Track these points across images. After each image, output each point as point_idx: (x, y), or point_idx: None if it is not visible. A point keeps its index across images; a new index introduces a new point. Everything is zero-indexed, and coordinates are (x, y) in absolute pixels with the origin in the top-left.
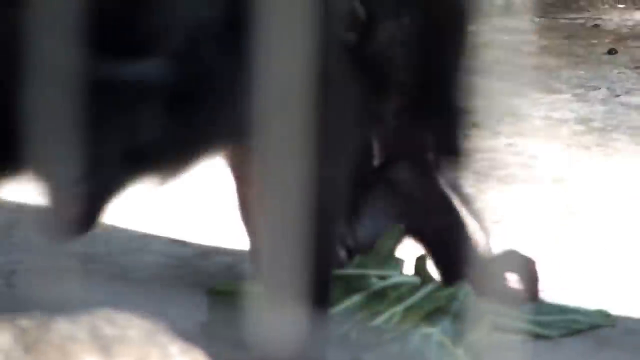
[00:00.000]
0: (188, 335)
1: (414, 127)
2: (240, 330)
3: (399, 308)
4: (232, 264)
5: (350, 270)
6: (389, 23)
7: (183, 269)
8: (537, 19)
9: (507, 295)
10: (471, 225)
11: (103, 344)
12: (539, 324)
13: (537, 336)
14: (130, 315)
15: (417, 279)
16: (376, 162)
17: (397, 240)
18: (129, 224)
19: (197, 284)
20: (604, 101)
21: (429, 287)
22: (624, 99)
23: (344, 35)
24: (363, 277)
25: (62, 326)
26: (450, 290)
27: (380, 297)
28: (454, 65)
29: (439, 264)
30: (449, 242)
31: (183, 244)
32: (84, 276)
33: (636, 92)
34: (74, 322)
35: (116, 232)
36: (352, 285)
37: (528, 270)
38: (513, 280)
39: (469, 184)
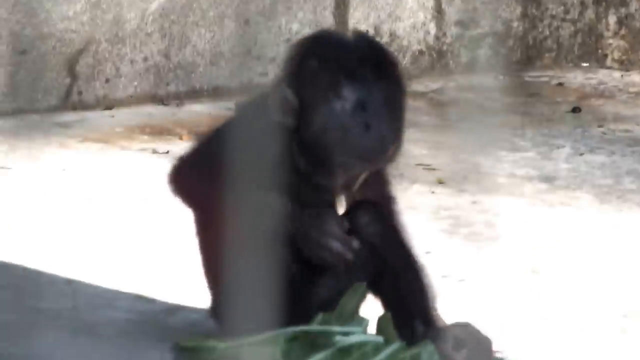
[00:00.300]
0: None
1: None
2: None
3: None
4: (197, 320)
5: (314, 327)
6: (321, 108)
7: (149, 325)
8: (501, 77)
9: None
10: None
11: None
12: None
13: None
14: None
15: (380, 338)
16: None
17: (361, 299)
18: (95, 279)
19: (163, 340)
20: (568, 159)
21: (392, 347)
22: (588, 157)
23: (283, 120)
24: (327, 335)
25: None
26: (414, 350)
27: (344, 356)
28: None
29: (398, 321)
30: (409, 301)
31: (149, 300)
32: (50, 332)
33: (600, 151)
34: None
35: (82, 288)
36: (316, 342)
37: (483, 350)
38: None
39: (433, 241)
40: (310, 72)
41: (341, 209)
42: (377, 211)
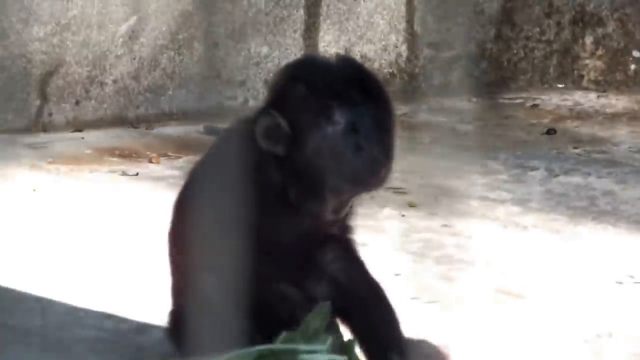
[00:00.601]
0: None
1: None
2: None
3: None
4: (166, 339)
5: (279, 346)
6: (313, 133)
7: (119, 344)
8: (474, 99)
9: None
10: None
11: None
12: None
13: None
14: None
15: (344, 358)
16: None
17: (325, 318)
18: (65, 297)
19: (133, 359)
20: (542, 181)
21: None
22: (562, 179)
23: (273, 148)
24: (292, 353)
25: None
26: None
27: None
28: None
29: (364, 346)
30: (382, 333)
31: (118, 318)
32: (20, 349)
33: (575, 173)
34: None
35: (52, 306)
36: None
37: None
38: None
39: (404, 265)
40: (298, 98)
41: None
42: (340, 248)
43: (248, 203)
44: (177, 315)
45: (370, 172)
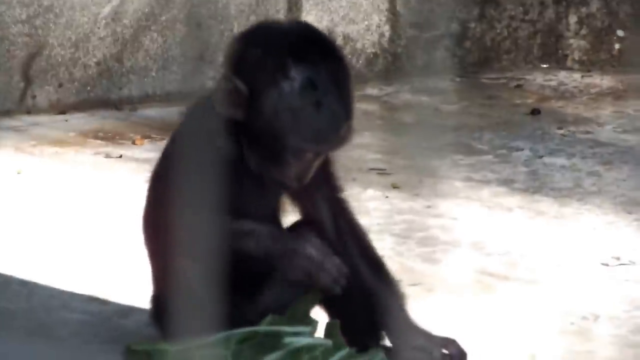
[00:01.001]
0: None
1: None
2: None
3: None
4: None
5: (262, 328)
6: (271, 92)
7: (103, 327)
8: (457, 79)
9: None
10: (381, 291)
11: None
12: None
13: None
14: None
15: (329, 342)
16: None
17: (312, 303)
18: (50, 281)
19: (117, 342)
20: (526, 162)
21: (342, 352)
22: (547, 159)
23: (233, 113)
24: (276, 336)
25: None
26: (364, 356)
27: (293, 358)
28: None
29: (347, 330)
30: (357, 310)
31: (103, 301)
32: (5, 333)
33: (560, 153)
34: None
35: (37, 289)
36: (265, 344)
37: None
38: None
39: (387, 246)
40: (255, 60)
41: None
42: (318, 236)
43: (216, 178)
44: (159, 299)
45: (331, 128)
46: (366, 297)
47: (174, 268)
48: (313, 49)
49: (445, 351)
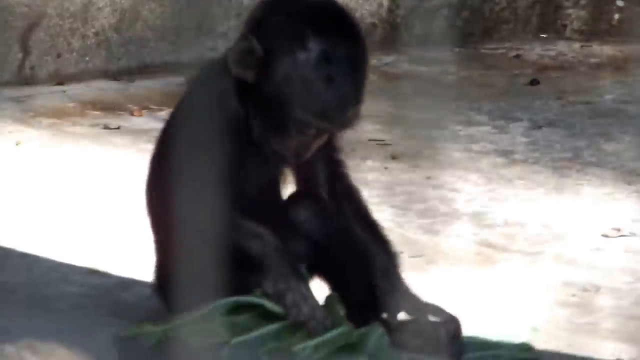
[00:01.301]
0: None
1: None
2: None
3: (310, 343)
4: (151, 294)
5: (267, 301)
6: (285, 58)
7: (103, 299)
8: (456, 49)
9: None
10: (376, 253)
11: None
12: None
13: None
14: (54, 345)
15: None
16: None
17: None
18: (50, 253)
19: (118, 315)
20: (525, 133)
21: (341, 328)
22: (546, 130)
23: (244, 73)
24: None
25: None
26: (363, 330)
27: (291, 332)
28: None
29: (346, 303)
30: (356, 283)
31: (103, 274)
32: (5, 306)
33: (559, 123)
34: None
35: (38, 262)
36: (267, 314)
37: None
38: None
39: (387, 218)
40: (276, 24)
41: (286, 187)
42: (317, 205)
43: (220, 143)
44: (163, 270)
45: (337, 107)
46: (366, 270)
47: (175, 237)
48: (335, 25)
49: (433, 318)
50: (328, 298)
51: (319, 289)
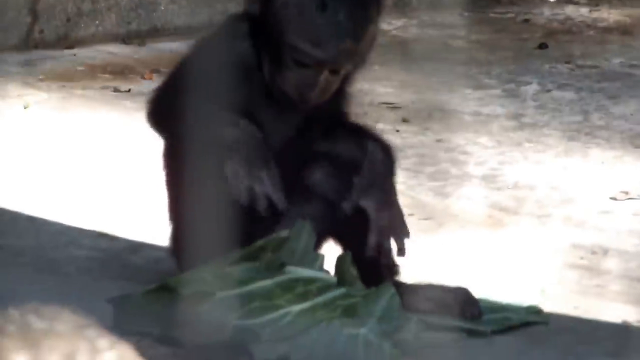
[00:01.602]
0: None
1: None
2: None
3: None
4: (160, 258)
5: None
6: None
7: (112, 263)
8: (465, 14)
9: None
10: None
11: (32, 338)
12: (471, 320)
13: (470, 333)
14: (59, 309)
15: (332, 278)
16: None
17: (309, 237)
18: (58, 217)
19: (127, 278)
20: (535, 96)
21: (338, 291)
22: (555, 94)
23: (251, 7)
24: (280, 264)
25: None
26: (374, 291)
27: (290, 288)
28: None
29: (359, 263)
30: (373, 255)
31: (112, 237)
32: (12, 269)
33: (568, 87)
34: (3, 315)
35: (45, 226)
36: (269, 267)
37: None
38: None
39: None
40: None
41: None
42: (331, 164)
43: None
44: (177, 232)
45: (328, 35)
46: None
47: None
48: None
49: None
50: (340, 257)
51: (332, 250)
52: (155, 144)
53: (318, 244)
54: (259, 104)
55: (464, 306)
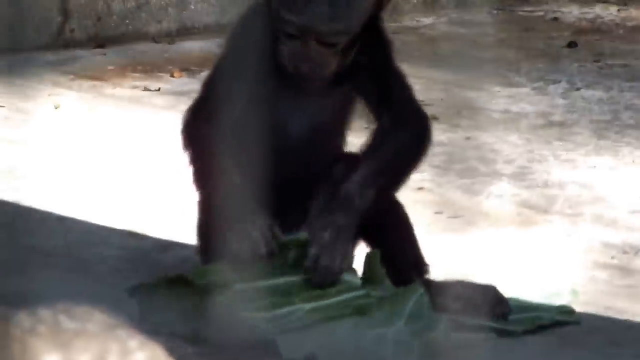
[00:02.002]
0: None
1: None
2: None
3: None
4: (189, 257)
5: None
6: None
7: (142, 262)
8: (495, 12)
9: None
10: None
11: (63, 339)
12: (501, 320)
13: (500, 333)
14: (90, 309)
15: (357, 280)
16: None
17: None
18: (88, 217)
19: (157, 278)
20: (564, 95)
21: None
22: (584, 92)
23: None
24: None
25: (23, 320)
26: (403, 290)
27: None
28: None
29: (388, 261)
30: (395, 246)
31: (141, 237)
32: (42, 270)
33: (597, 86)
34: (34, 316)
35: (75, 225)
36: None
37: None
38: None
39: (427, 178)
40: None
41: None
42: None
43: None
44: (205, 230)
45: (306, 1)
46: (408, 229)
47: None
48: None
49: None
50: (369, 255)
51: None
52: None
53: None
54: (285, 96)
55: (493, 305)
